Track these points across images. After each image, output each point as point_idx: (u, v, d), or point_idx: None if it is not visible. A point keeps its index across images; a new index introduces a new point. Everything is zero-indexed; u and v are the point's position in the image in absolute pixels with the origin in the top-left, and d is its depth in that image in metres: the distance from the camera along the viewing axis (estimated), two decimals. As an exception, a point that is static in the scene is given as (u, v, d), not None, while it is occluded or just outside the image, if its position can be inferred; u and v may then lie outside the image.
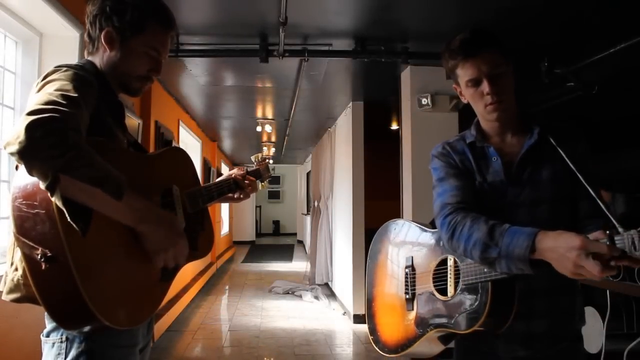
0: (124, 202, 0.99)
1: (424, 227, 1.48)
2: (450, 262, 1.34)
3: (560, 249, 1.03)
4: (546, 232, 1.08)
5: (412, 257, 1.46)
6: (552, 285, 1.26)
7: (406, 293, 1.45)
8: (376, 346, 1.52)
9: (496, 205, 1.33)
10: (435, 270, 1.38)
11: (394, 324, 1.48)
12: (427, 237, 1.45)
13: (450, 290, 1.32)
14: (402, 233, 1.55)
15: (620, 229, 1.01)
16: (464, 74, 1.32)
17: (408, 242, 1.51)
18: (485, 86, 1.29)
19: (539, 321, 1.28)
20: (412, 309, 1.42)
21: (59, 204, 0.92)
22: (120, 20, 1.19)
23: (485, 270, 1.22)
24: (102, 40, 1.20)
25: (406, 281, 1.46)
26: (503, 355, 1.32)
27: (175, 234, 1.11)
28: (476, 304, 1.24)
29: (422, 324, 1.38)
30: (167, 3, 1.29)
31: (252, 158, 1.85)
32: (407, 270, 1.45)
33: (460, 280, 1.30)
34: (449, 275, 1.34)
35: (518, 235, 1.11)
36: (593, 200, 1.21)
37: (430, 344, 1.40)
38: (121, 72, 1.23)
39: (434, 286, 1.37)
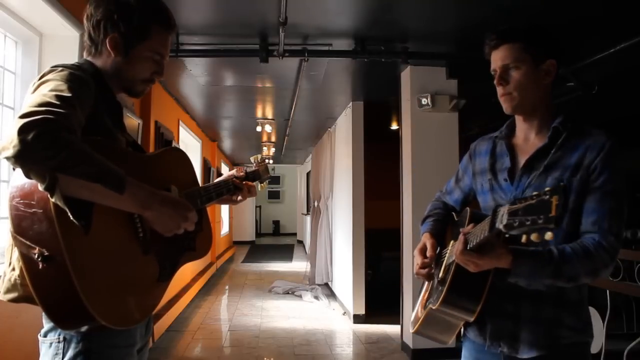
0: (126, 194, 0.99)
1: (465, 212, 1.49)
2: (449, 247, 1.38)
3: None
4: (429, 234, 1.45)
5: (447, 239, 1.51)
6: (537, 292, 1.23)
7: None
8: (411, 322, 1.56)
9: (499, 203, 1.33)
10: (443, 252, 1.44)
11: (422, 300, 1.52)
12: (454, 222, 1.49)
13: (442, 272, 1.36)
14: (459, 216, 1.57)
15: (503, 206, 1.06)
16: (491, 64, 1.35)
17: (454, 224, 1.51)
18: (496, 77, 1.32)
19: (524, 325, 1.27)
20: (426, 288, 1.46)
21: (60, 203, 0.92)
22: (127, 26, 1.20)
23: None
24: (108, 45, 1.20)
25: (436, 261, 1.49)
26: (488, 350, 1.32)
27: (181, 210, 1.12)
28: (443, 287, 1.28)
29: (427, 301, 1.42)
30: (168, 3, 1.30)
31: (251, 159, 1.83)
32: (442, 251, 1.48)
33: (444, 262, 1.35)
34: (446, 258, 1.37)
35: (424, 227, 1.53)
36: (589, 215, 1.20)
37: (429, 325, 1.42)
38: (126, 77, 1.25)
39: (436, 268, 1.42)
